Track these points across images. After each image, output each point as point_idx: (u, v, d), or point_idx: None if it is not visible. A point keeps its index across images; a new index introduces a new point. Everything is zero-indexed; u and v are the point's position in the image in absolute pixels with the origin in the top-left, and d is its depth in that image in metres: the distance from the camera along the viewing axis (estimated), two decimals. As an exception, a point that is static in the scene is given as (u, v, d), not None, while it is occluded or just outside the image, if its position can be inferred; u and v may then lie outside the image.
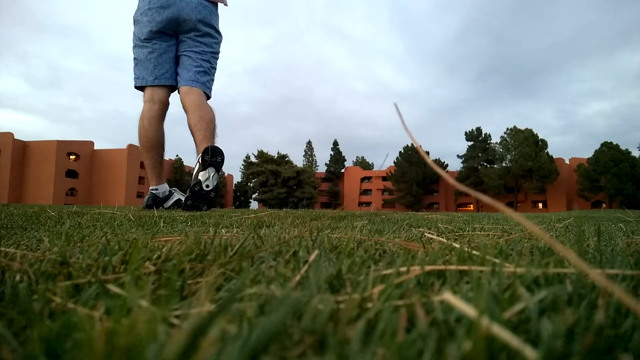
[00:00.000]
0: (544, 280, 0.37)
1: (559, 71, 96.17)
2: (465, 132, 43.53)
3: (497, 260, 0.42)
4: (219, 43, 2.79)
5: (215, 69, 2.80)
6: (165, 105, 2.70)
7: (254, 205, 44.08)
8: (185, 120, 2.70)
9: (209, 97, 2.74)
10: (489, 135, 42.82)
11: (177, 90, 2.71)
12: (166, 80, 2.67)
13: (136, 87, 2.73)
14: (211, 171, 2.46)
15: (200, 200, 2.45)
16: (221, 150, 2.52)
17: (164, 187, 2.70)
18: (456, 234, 1.00)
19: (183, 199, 2.69)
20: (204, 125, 2.54)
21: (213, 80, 2.79)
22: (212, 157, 2.46)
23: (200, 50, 2.67)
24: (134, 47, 2.73)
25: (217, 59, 2.80)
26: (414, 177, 41.31)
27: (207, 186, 2.45)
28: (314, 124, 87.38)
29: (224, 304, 0.22)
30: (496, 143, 41.62)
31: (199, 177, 2.46)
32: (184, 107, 2.63)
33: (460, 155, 43.96)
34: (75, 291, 0.37)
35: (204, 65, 2.68)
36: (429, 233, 0.89)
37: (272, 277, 0.40)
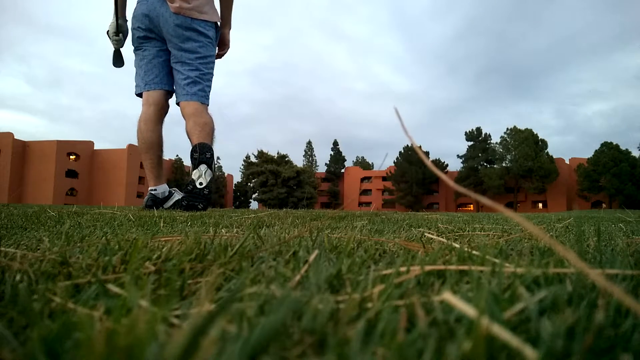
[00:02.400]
0: (544, 280, 0.37)
1: (559, 72, 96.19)
2: (465, 132, 43.55)
3: (497, 260, 0.42)
4: (205, 45, 2.68)
5: (208, 72, 2.71)
6: (160, 107, 2.69)
7: (254, 205, 44.12)
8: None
9: (206, 104, 2.69)
10: (489, 135, 42.86)
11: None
12: (156, 86, 2.68)
13: (136, 95, 2.76)
14: (203, 168, 2.46)
15: (195, 198, 2.44)
16: (209, 146, 2.51)
17: (163, 188, 2.70)
18: (456, 234, 1.00)
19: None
20: (198, 128, 2.55)
21: (208, 85, 2.71)
22: (201, 153, 2.46)
23: (186, 60, 2.63)
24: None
25: (208, 62, 2.71)
26: (414, 177, 41.33)
27: (201, 184, 2.45)
28: (314, 124, 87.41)
29: (224, 304, 0.22)
30: (496, 143, 41.66)
31: (192, 177, 2.46)
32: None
33: (460, 155, 44.03)
34: (75, 291, 0.37)
35: (192, 75, 2.63)
36: (429, 233, 0.89)
37: (272, 277, 0.40)
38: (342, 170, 49.94)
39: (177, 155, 43.56)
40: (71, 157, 36.57)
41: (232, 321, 0.26)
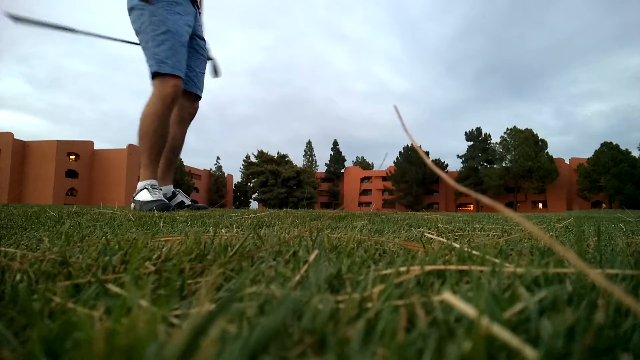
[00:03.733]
0: (544, 280, 0.37)
1: (558, 72, 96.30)
2: (465, 132, 43.57)
3: (497, 260, 0.42)
4: (135, 20, 2.38)
5: (149, 40, 2.33)
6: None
7: (254, 205, 44.13)
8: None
9: (162, 74, 2.31)
10: (489, 135, 42.87)
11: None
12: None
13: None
14: (142, 197, 2.31)
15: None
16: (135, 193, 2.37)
17: (167, 189, 2.68)
18: (456, 234, 1.00)
19: (186, 202, 2.67)
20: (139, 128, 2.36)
21: (153, 53, 2.31)
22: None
23: (140, 40, 2.41)
24: None
25: (143, 30, 2.35)
26: (414, 177, 41.34)
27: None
28: (314, 124, 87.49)
29: (224, 304, 0.22)
30: (496, 143, 41.68)
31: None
32: None
33: (460, 155, 44.03)
34: (75, 291, 0.37)
35: (145, 52, 2.37)
36: (429, 233, 0.89)
37: (272, 277, 0.40)
38: (342, 170, 49.97)
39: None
40: (71, 157, 36.57)
41: (232, 321, 0.26)
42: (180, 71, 2.37)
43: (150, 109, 2.32)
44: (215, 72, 2.92)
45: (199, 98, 2.75)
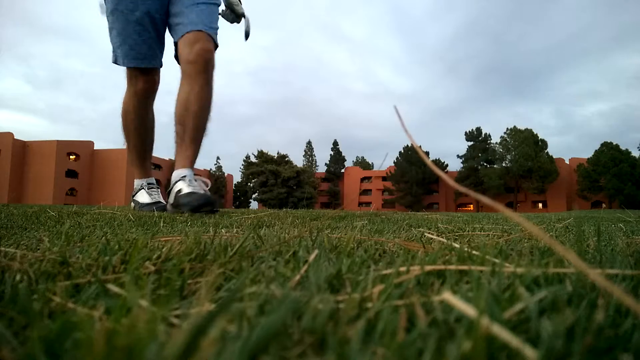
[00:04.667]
0: (544, 280, 0.37)
1: (558, 72, 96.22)
2: (465, 132, 43.58)
3: (497, 260, 0.42)
4: None
5: (106, 18, 2.12)
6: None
7: (254, 205, 44.13)
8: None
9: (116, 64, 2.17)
10: (489, 135, 42.88)
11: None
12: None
13: None
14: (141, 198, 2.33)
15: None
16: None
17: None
18: (456, 234, 1.00)
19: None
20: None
21: (110, 37, 2.15)
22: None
23: None
24: None
25: (102, 8, 2.13)
26: (414, 177, 41.34)
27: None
28: (314, 124, 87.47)
29: (224, 304, 0.22)
30: (496, 143, 41.68)
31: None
32: None
33: (460, 155, 44.04)
34: (75, 291, 0.37)
35: None
36: (429, 233, 0.89)
37: (272, 277, 0.40)
38: (342, 170, 49.96)
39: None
40: (71, 157, 36.57)
41: (232, 321, 0.26)
42: (137, 59, 2.12)
43: (127, 105, 2.25)
44: (246, 35, 2.38)
45: (202, 34, 2.02)
